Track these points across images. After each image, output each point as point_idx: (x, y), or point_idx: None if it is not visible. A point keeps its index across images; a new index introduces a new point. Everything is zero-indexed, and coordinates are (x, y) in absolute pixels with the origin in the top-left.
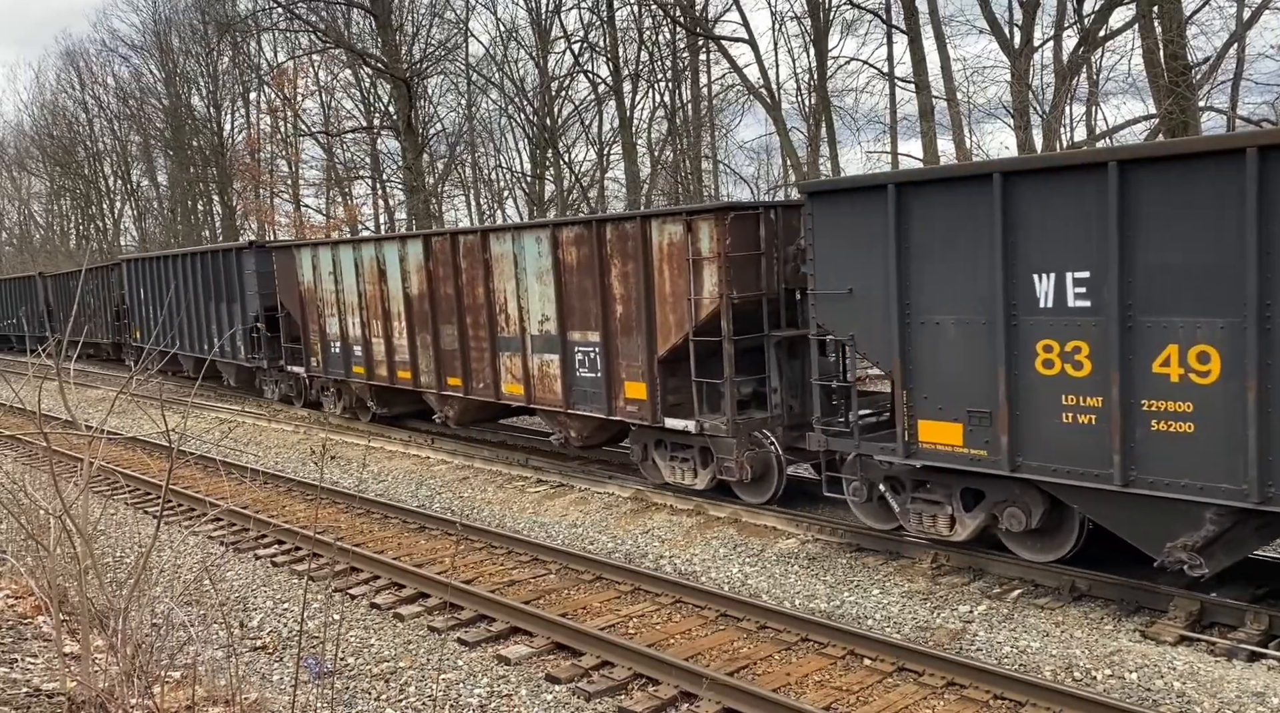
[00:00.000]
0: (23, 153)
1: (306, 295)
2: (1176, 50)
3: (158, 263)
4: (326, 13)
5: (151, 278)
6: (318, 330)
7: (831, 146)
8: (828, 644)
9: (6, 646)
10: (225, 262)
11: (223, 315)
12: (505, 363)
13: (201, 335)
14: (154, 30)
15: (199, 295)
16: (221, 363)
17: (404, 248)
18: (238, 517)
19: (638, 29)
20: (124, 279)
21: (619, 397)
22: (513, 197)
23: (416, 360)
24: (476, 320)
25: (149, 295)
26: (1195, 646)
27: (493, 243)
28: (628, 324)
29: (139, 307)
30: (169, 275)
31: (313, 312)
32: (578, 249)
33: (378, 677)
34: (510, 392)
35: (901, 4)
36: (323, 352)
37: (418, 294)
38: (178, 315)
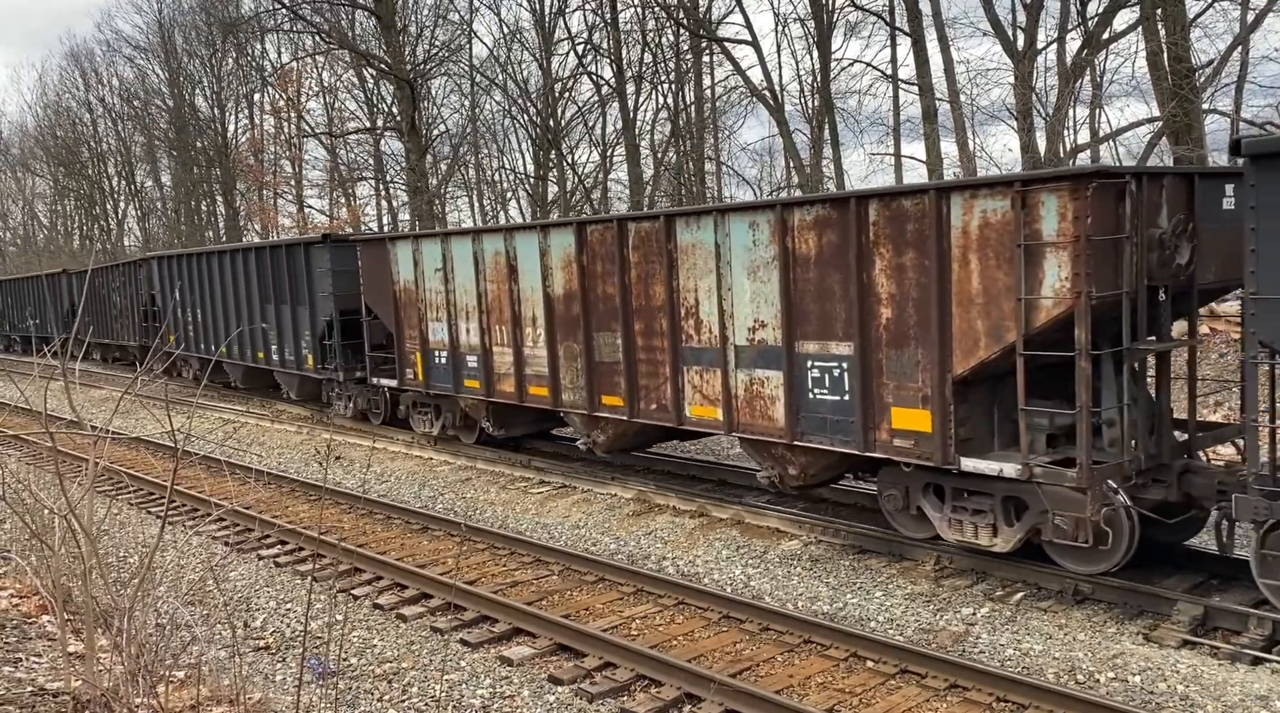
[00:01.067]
0: (27, 153)
1: (403, 297)
2: (1180, 53)
3: (197, 260)
4: (330, 14)
5: (190, 277)
6: (417, 338)
7: (834, 149)
8: (830, 646)
9: (11, 645)
10: (289, 259)
11: (283, 319)
12: (692, 380)
13: (254, 342)
14: (158, 31)
15: (251, 297)
16: (282, 374)
17: (545, 239)
18: (241, 517)
19: (641, 31)
20: (154, 277)
21: (881, 427)
22: (515, 198)
23: (557, 374)
24: (650, 327)
25: (187, 296)
26: (1199, 649)
27: (681, 231)
28: (900, 333)
29: (174, 309)
30: (212, 274)
31: (411, 316)
32: (818, 236)
33: (380, 677)
34: (699, 415)
35: (905, 6)
36: (423, 363)
37: (563, 294)
38: (223, 319)
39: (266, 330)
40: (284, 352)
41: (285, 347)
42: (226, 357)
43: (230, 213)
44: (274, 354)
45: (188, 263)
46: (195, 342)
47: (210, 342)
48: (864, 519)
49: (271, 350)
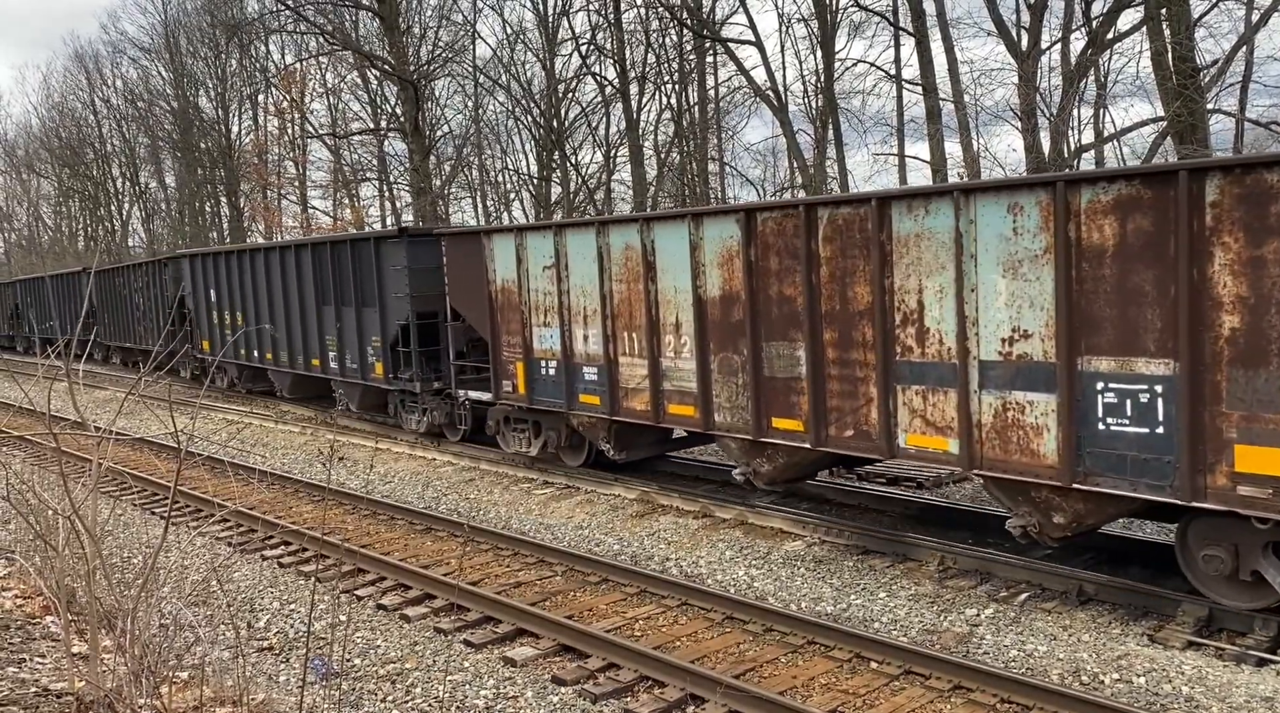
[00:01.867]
0: (31, 154)
1: (502, 298)
2: (1185, 53)
3: (238, 258)
4: (334, 15)
5: (228, 276)
6: (518, 345)
7: (838, 149)
8: (834, 647)
9: (15, 646)
10: (356, 255)
11: (345, 323)
12: (910, 402)
13: (307, 348)
14: (163, 32)
15: (305, 298)
16: (342, 383)
17: (698, 230)
18: (245, 518)
19: (645, 31)
20: (185, 277)
21: (1217, 470)
22: (519, 198)
23: (709, 391)
24: (846, 336)
25: (225, 297)
26: (1204, 651)
27: (899, 217)
28: (1256, 348)
29: (207, 311)
30: (256, 273)
31: (510, 320)
32: (1119, 221)
33: (384, 678)
34: (920, 445)
35: (909, 6)
36: (525, 374)
37: (720, 296)
38: (269, 322)
39: (324, 335)
40: (345, 359)
41: (347, 353)
42: (273, 364)
43: (234, 214)
44: (332, 361)
45: (226, 261)
46: (234, 347)
47: (254, 347)
48: (867, 520)
49: (329, 357)
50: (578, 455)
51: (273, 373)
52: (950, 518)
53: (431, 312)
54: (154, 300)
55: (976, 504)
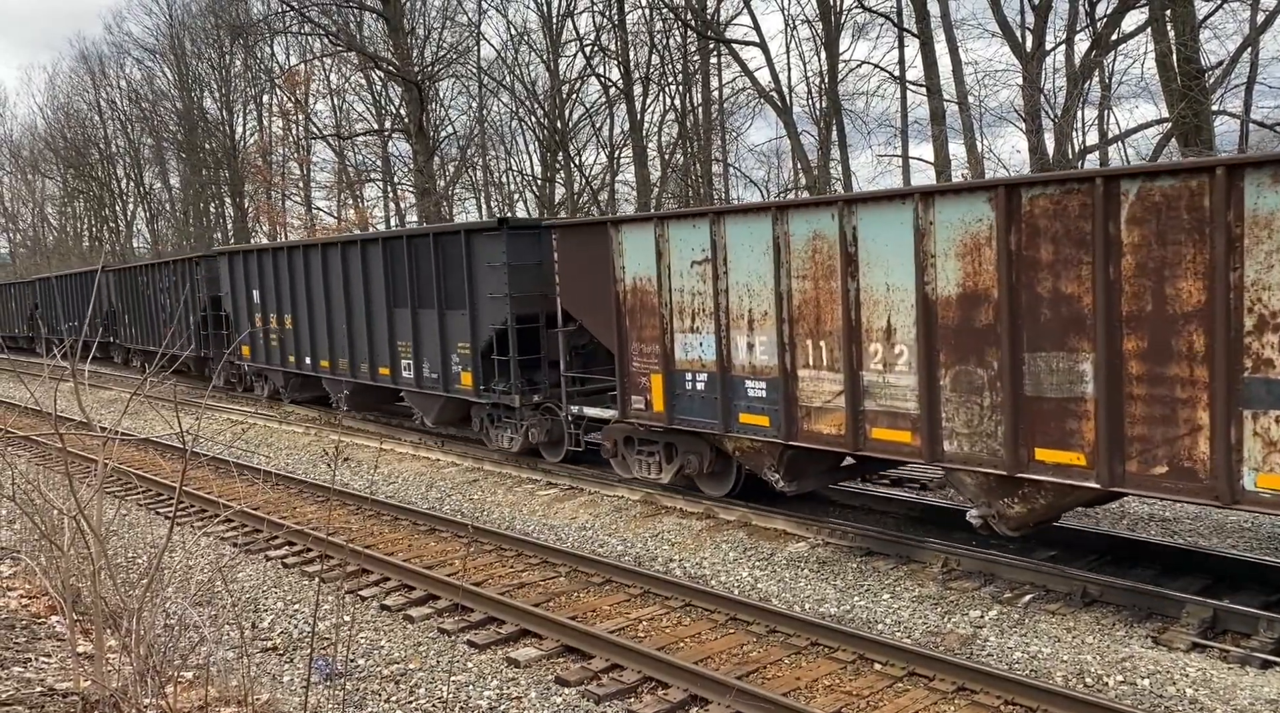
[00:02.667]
0: (37, 155)
1: (633, 299)
2: (1190, 54)
3: (288, 256)
4: (339, 16)
5: (274, 275)
6: (657, 354)
7: (842, 150)
8: (838, 649)
9: (20, 645)
10: (441, 251)
11: (424, 327)
12: (1269, 432)
13: (374, 355)
14: (168, 33)
15: (373, 299)
16: (416, 395)
17: (928, 212)
18: (249, 518)
19: (649, 32)
20: (225, 277)
21: None
22: (523, 199)
23: (936, 412)
24: (1162, 344)
25: (271, 298)
26: (1208, 653)
27: (1255, 191)
28: None
29: (249, 314)
30: (310, 272)
31: (645, 325)
32: None
33: (388, 678)
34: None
35: (913, 7)
36: (664, 388)
37: (960, 295)
38: (324, 326)
39: (395, 341)
40: (422, 367)
41: (425, 361)
42: (329, 371)
43: (239, 214)
44: (405, 370)
45: (274, 259)
46: (280, 353)
47: (304, 353)
48: (870, 521)
49: (402, 365)
50: (721, 484)
51: (328, 382)
52: (954, 520)
53: (531, 315)
54: (184, 302)
55: None
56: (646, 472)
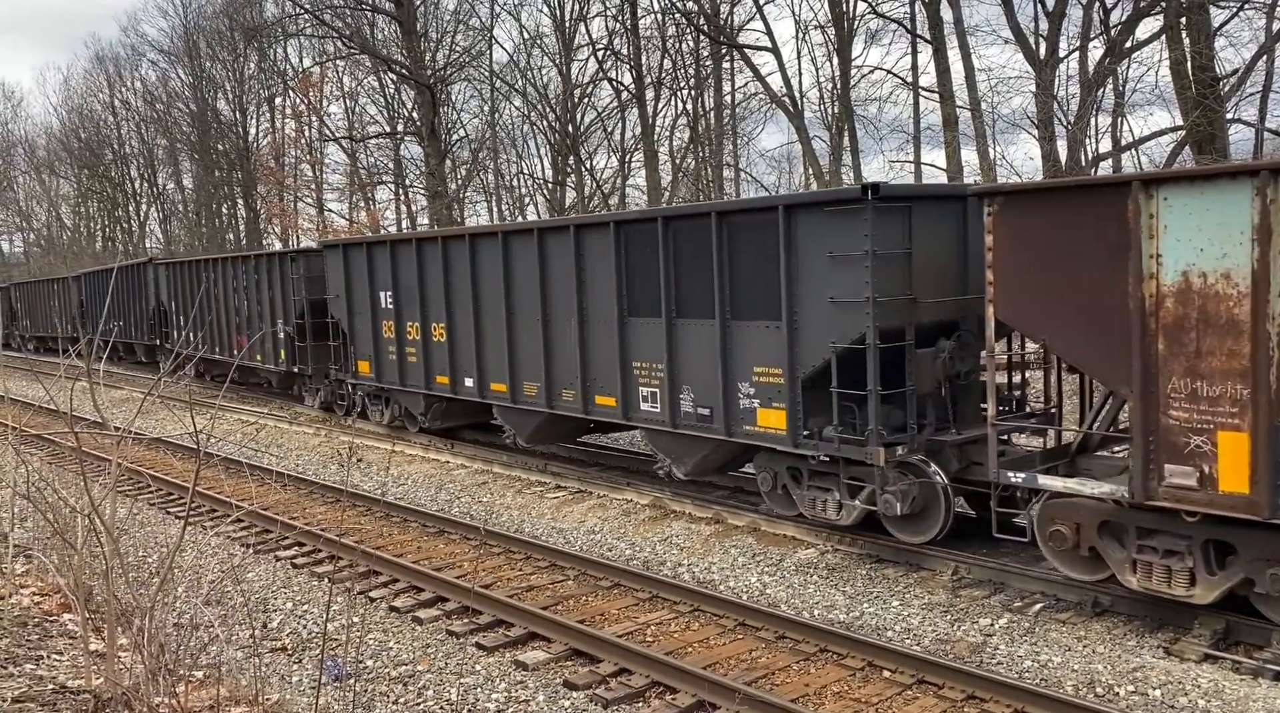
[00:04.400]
0: (52, 155)
1: (1183, 308)
2: (1204, 62)
3: (442, 248)
4: (352, 19)
5: (420, 273)
6: (1246, 402)
7: (854, 156)
8: (847, 655)
9: (33, 643)
10: (725, 236)
11: (683, 344)
12: None
13: (589, 378)
14: (182, 35)
15: (590, 304)
16: (671, 435)
17: None
18: (259, 519)
19: (661, 37)
20: (339, 275)
21: None
22: (534, 203)
23: None
24: None
25: (412, 302)
26: (1220, 664)
27: None
28: None
29: (374, 321)
30: (481, 268)
31: (1210, 350)
32: None
33: (396, 680)
34: None
35: (926, 14)
36: (1262, 457)
37: None
38: (501, 338)
39: (629, 360)
40: (679, 399)
41: (687, 390)
42: (507, 398)
43: (251, 215)
44: (647, 401)
45: (417, 253)
46: (422, 370)
47: (464, 372)
48: (879, 528)
49: (640, 394)
50: None
51: (504, 410)
52: (962, 527)
53: (895, 329)
54: (268, 305)
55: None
56: (1170, 585)
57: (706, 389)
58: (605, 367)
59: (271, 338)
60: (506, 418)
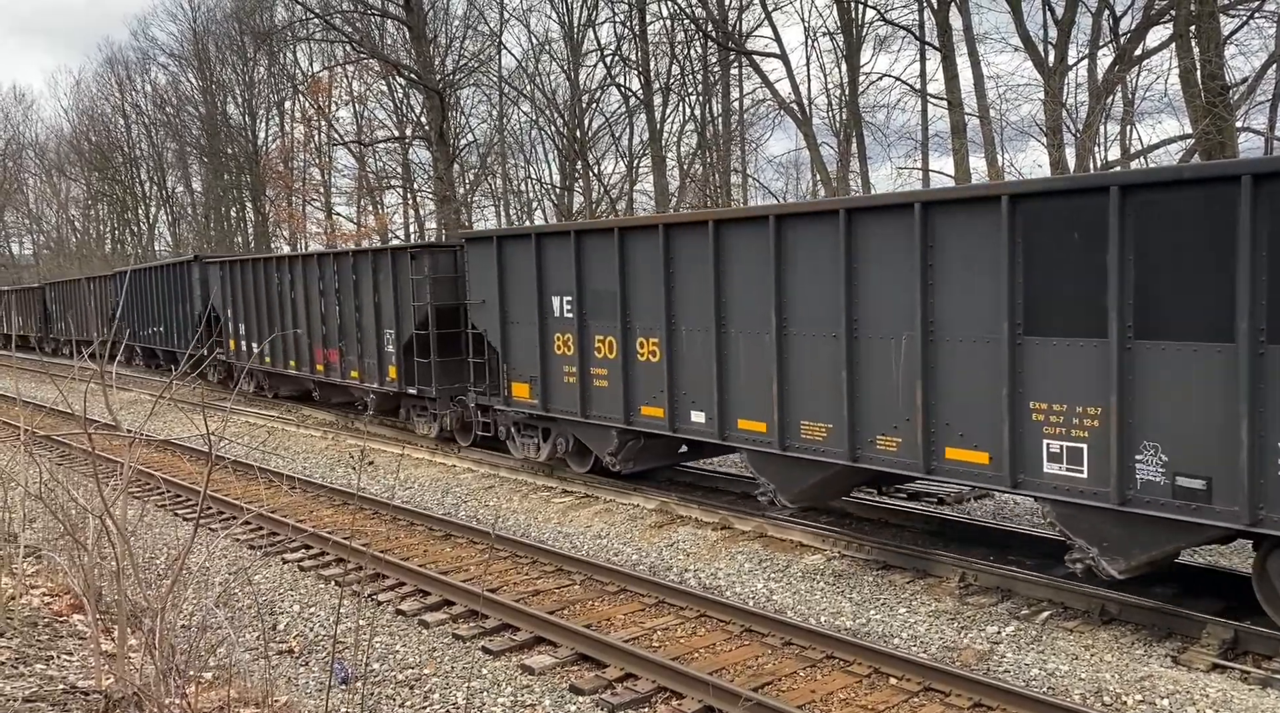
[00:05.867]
0: (62, 158)
1: None
2: (1214, 70)
3: (663, 238)
4: (362, 24)
5: (625, 271)
6: None
7: (862, 162)
8: (853, 662)
9: (43, 643)
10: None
11: (1138, 373)
12: None
13: (930, 416)
14: (193, 39)
15: (943, 313)
16: (1107, 515)
17: None
18: (268, 521)
19: (670, 43)
20: (487, 277)
21: None
22: (541, 208)
23: None
24: None
25: (605, 308)
26: (1229, 673)
27: None
28: None
29: (543, 332)
30: (718, 266)
31: None
32: None
33: (403, 683)
34: None
35: (935, 21)
36: None
37: None
38: (760, 356)
39: (1027, 398)
40: (1134, 462)
41: (1173, 449)
42: (766, 442)
43: (259, 219)
44: (1064, 460)
45: (621, 246)
46: (615, 398)
47: (682, 400)
48: (887, 534)
49: (1041, 449)
50: None
51: (758, 457)
52: (971, 534)
53: None
54: (374, 310)
55: (998, 521)
56: None
57: (1195, 448)
58: (969, 405)
59: (376, 352)
60: (764, 467)
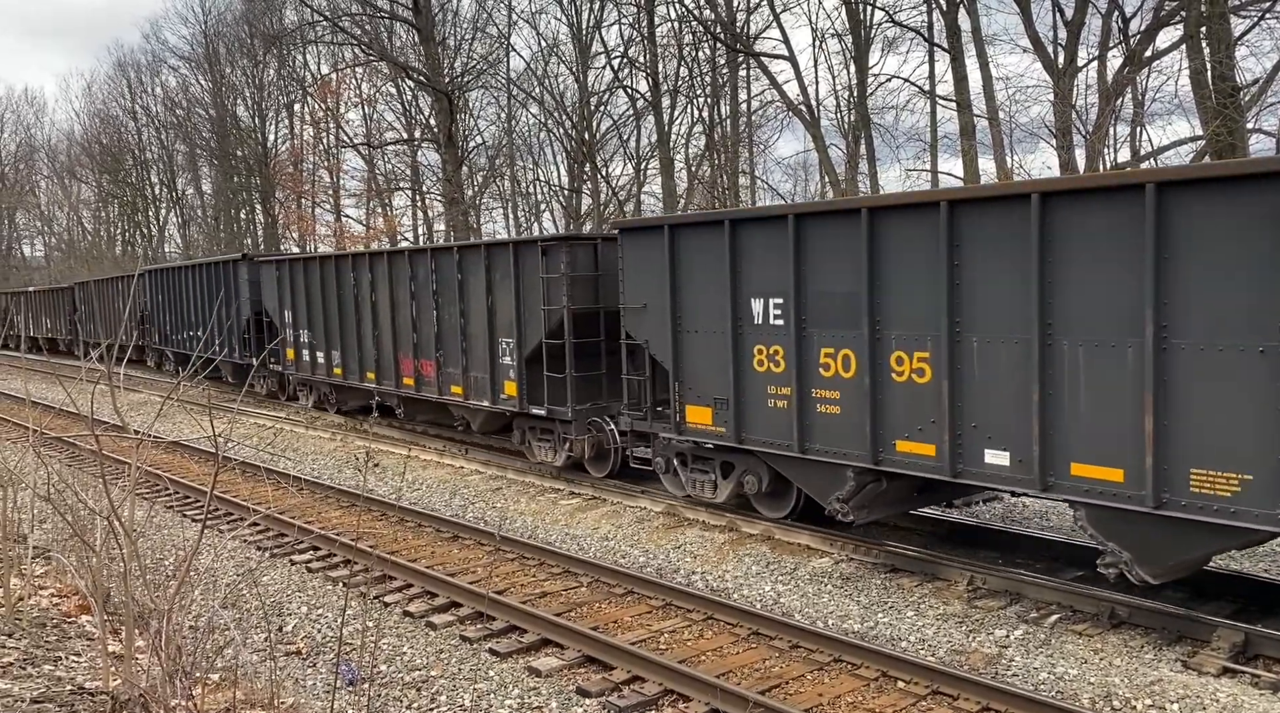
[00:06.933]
0: (73, 160)
1: None
2: (1224, 71)
3: (910, 221)
4: (371, 26)
5: (857, 265)
6: None
7: (870, 164)
8: (861, 665)
9: (51, 644)
10: None
11: None
12: None
13: None
14: (203, 42)
15: None
16: None
17: None
18: (275, 522)
19: (678, 45)
20: (652, 274)
21: None
22: (549, 210)
23: None
24: None
25: (823, 312)
26: (1239, 678)
27: None
28: None
29: (739, 345)
30: (1043, 255)
31: None
32: None
33: (409, 685)
34: None
35: (944, 22)
36: None
37: None
38: None
39: None
40: None
41: None
42: (1120, 493)
43: (269, 221)
44: None
45: (870, 231)
46: (853, 427)
47: (974, 432)
48: (895, 538)
49: None
50: None
51: (1104, 521)
52: (980, 538)
53: None
54: (486, 315)
55: (1007, 524)
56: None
57: None
58: None
59: (487, 364)
60: (1115, 530)
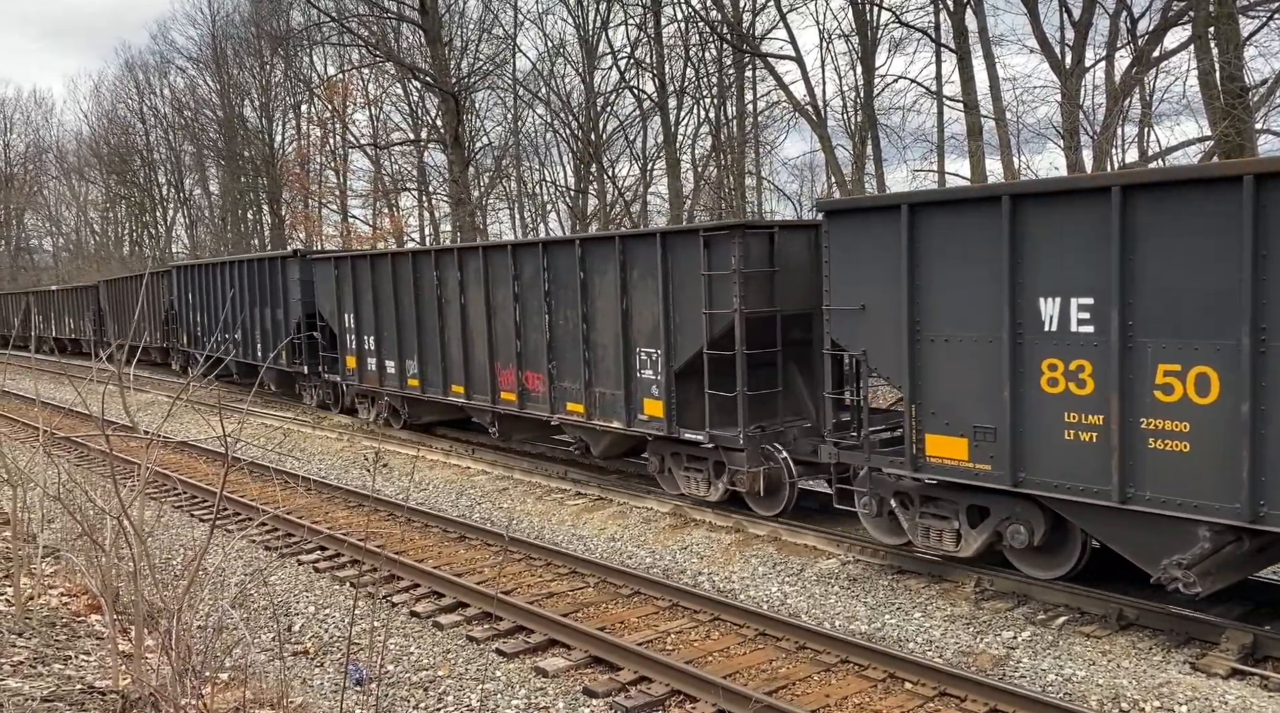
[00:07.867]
0: (81, 161)
1: None
2: (1233, 72)
3: None
4: (377, 27)
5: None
6: None
7: (877, 165)
8: (868, 667)
9: (61, 643)
10: None
11: None
12: None
13: None
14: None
15: None
16: None
17: None
18: (283, 522)
19: (684, 46)
20: (882, 265)
21: None
22: (555, 210)
23: None
24: None
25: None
26: (1248, 680)
27: None
28: None
29: (1021, 355)
30: None
31: None
32: None
33: (417, 685)
34: None
35: (951, 23)
36: None
37: None
38: None
39: None
40: None
41: None
42: None
43: (276, 222)
44: None
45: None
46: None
47: None
48: None
49: None
50: None
51: None
52: None
53: None
54: (620, 318)
55: None
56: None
57: None
58: None
59: (620, 377)
60: None
